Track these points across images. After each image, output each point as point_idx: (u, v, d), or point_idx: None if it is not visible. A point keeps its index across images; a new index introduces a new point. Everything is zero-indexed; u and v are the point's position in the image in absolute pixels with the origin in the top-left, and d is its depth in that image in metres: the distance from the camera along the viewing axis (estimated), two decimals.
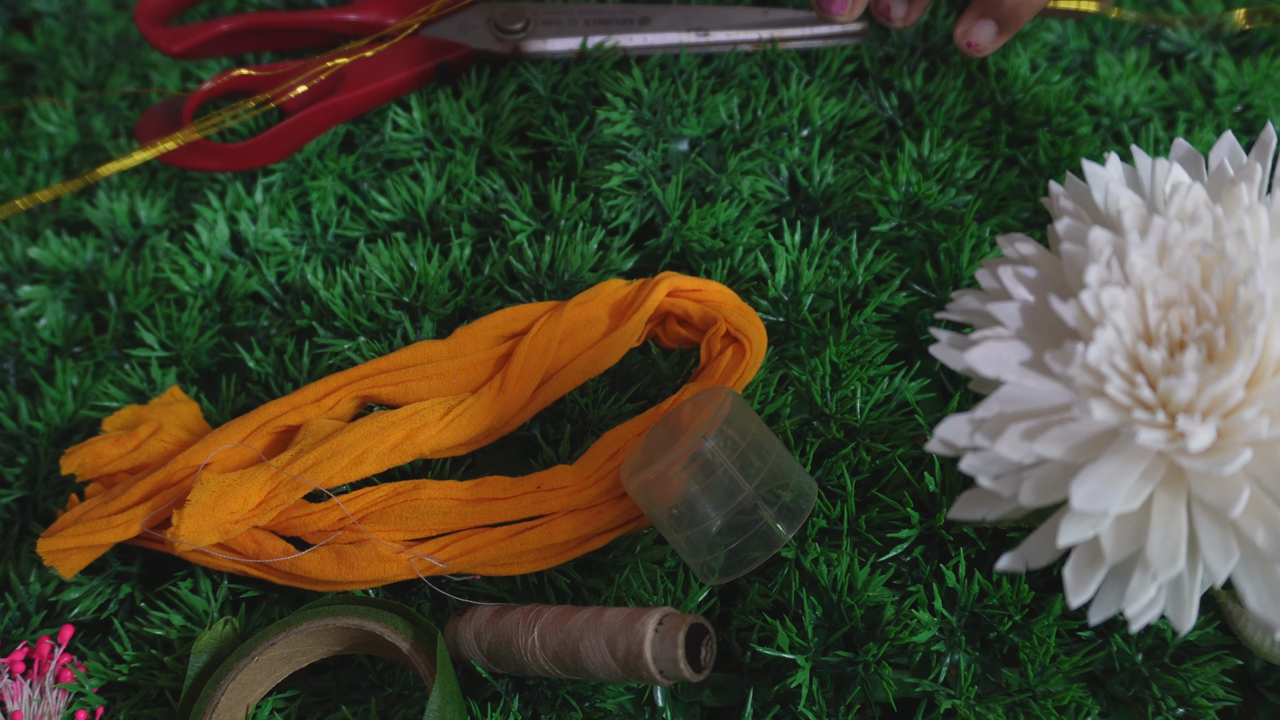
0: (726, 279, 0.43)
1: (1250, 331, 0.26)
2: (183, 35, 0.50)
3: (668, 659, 0.31)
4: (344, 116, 0.49)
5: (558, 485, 0.37)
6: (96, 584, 0.40)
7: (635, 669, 0.32)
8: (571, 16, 0.51)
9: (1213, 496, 0.26)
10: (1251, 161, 0.30)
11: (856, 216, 0.46)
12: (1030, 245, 0.31)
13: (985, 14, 0.43)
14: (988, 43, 0.43)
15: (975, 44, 0.44)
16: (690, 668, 0.31)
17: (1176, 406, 0.26)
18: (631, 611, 0.33)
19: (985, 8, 0.43)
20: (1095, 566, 0.26)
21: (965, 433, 0.28)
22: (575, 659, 0.33)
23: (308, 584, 0.37)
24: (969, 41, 0.44)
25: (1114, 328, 0.27)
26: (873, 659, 0.35)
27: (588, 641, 0.33)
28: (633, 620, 0.32)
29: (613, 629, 0.33)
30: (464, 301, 0.44)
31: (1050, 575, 0.37)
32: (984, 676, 0.35)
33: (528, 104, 0.49)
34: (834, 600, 0.36)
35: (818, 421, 0.40)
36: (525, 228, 0.45)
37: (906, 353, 0.43)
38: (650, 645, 0.32)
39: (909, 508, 0.37)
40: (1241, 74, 0.50)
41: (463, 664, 0.36)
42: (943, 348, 0.29)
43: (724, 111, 0.48)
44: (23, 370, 0.47)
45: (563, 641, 0.33)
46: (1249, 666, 0.36)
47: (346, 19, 0.51)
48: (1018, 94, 0.48)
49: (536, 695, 0.36)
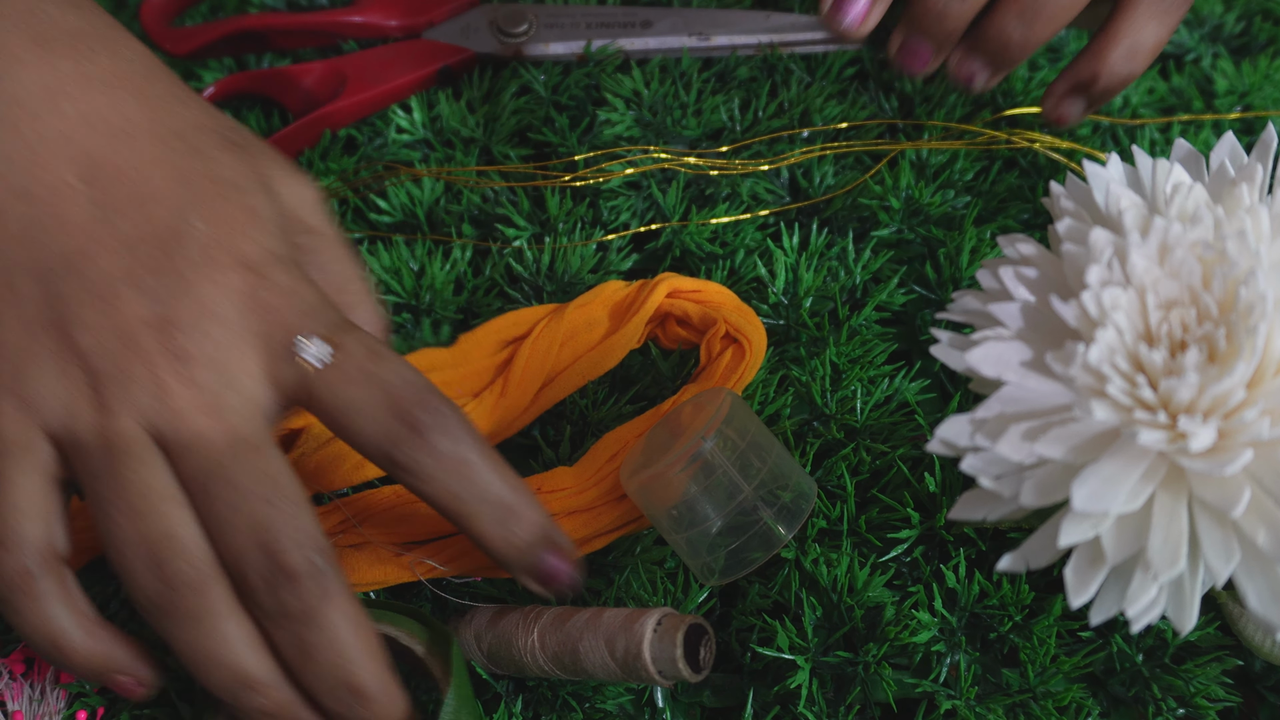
0: (727, 281, 0.43)
1: (1251, 332, 0.26)
2: (188, 36, 0.50)
3: (666, 659, 0.31)
4: (346, 121, 0.49)
5: (558, 487, 0.37)
6: (97, 583, 0.39)
7: (634, 669, 0.32)
8: (573, 20, 0.51)
9: (1214, 497, 0.26)
10: (1252, 162, 0.30)
11: (856, 218, 0.46)
12: (1031, 245, 0.31)
13: (1077, 90, 0.43)
14: (1077, 118, 0.44)
15: (1066, 119, 0.44)
16: (689, 668, 0.31)
17: (1178, 407, 0.26)
18: (630, 612, 0.33)
19: (1079, 86, 0.43)
20: (1096, 567, 0.26)
21: (966, 433, 0.28)
22: (575, 659, 0.33)
23: None
24: (1059, 116, 0.44)
25: (1115, 328, 0.27)
26: (873, 659, 0.35)
27: (587, 642, 0.33)
28: (631, 621, 0.32)
29: (611, 629, 0.33)
30: (465, 303, 0.44)
31: (1050, 576, 0.37)
32: (984, 677, 0.35)
33: (528, 105, 0.49)
34: (834, 601, 0.36)
35: (818, 422, 0.40)
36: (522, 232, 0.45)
37: (907, 353, 0.43)
38: (649, 645, 0.32)
39: (909, 508, 0.37)
40: (1241, 75, 0.50)
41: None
42: (943, 348, 0.29)
43: (724, 112, 0.48)
44: None
45: (562, 642, 0.33)
46: (1249, 667, 0.36)
47: (350, 20, 0.51)
48: (1018, 95, 0.48)
49: (537, 696, 0.36)
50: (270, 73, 0.50)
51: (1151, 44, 0.41)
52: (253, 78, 0.50)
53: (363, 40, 0.52)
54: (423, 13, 0.51)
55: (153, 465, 0.30)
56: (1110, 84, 0.42)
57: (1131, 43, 0.41)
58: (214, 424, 0.30)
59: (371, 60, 0.50)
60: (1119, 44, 0.41)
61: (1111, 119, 0.48)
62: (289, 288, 0.32)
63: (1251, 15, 0.53)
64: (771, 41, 0.50)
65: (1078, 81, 0.43)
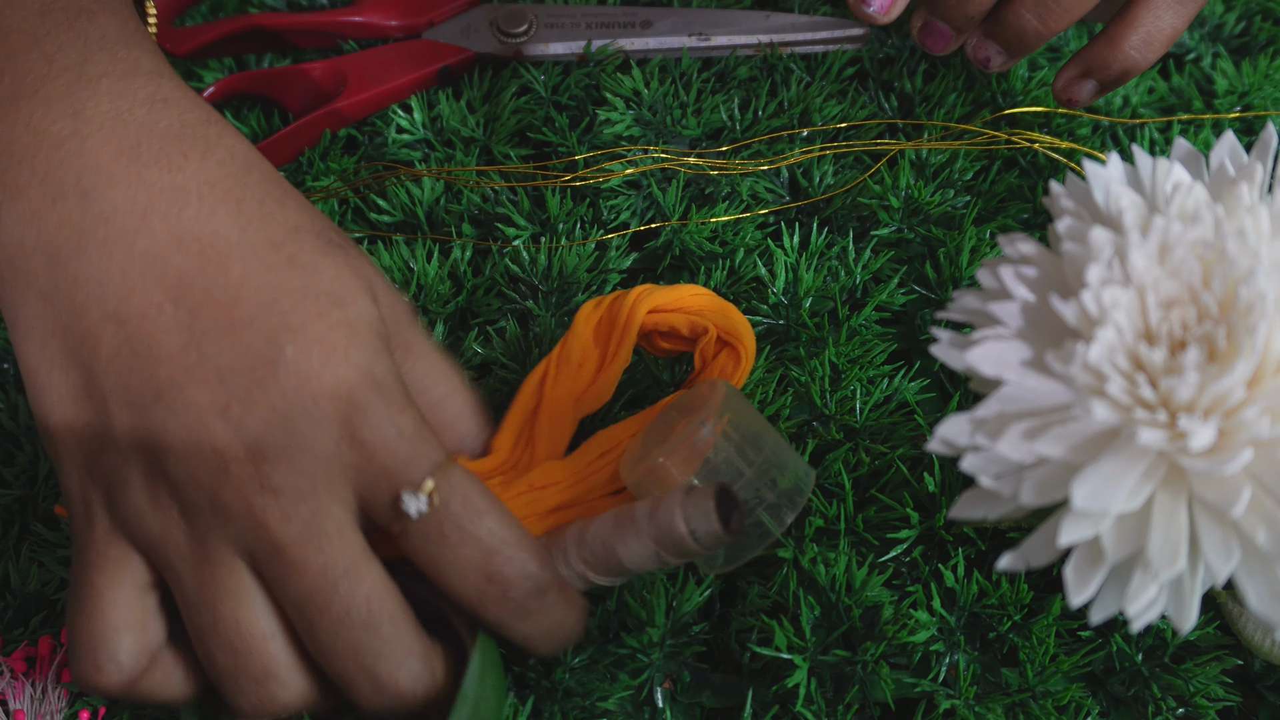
0: (726, 281, 0.43)
1: (1251, 331, 0.26)
2: (189, 36, 0.50)
3: (699, 514, 0.31)
4: (346, 121, 0.49)
5: (550, 482, 0.37)
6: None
7: (668, 535, 0.32)
8: (573, 19, 0.51)
9: (1214, 496, 0.26)
10: (1252, 161, 0.30)
11: (856, 217, 0.46)
12: (1031, 245, 0.31)
13: (1090, 75, 0.43)
14: (1087, 100, 0.44)
15: (1076, 100, 0.44)
16: (721, 525, 0.31)
17: (1177, 406, 0.26)
18: (658, 496, 0.33)
19: (1092, 68, 0.43)
20: (1096, 566, 0.26)
21: (966, 432, 0.28)
22: (611, 554, 0.33)
23: None
24: (1070, 97, 0.44)
25: (1115, 327, 0.27)
26: (871, 659, 0.35)
27: (620, 531, 0.33)
28: (661, 498, 0.33)
29: (641, 511, 0.33)
30: (464, 302, 0.44)
31: (1050, 575, 0.37)
32: (983, 676, 0.35)
33: (528, 105, 0.49)
34: (832, 600, 0.36)
35: (817, 422, 0.40)
36: (522, 232, 0.46)
37: (906, 353, 0.43)
38: (681, 505, 0.32)
39: (908, 508, 0.37)
40: (1241, 75, 0.50)
41: None
42: (943, 347, 0.29)
43: (724, 112, 0.48)
44: None
45: (597, 540, 0.33)
46: (1249, 666, 0.36)
47: (350, 20, 0.51)
48: (1018, 95, 0.48)
49: (538, 691, 0.36)
50: (270, 73, 0.50)
51: (1168, 33, 0.41)
52: (253, 78, 0.50)
53: (363, 40, 0.52)
54: (423, 13, 0.51)
55: (249, 600, 0.31)
56: (1124, 70, 0.42)
57: (1148, 31, 0.41)
58: (309, 554, 0.30)
59: (371, 60, 0.50)
60: (1136, 31, 0.41)
61: (1111, 118, 0.48)
62: (386, 423, 0.31)
63: (1251, 15, 0.53)
64: (771, 41, 0.50)
65: (1091, 65, 0.43)
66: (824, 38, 0.50)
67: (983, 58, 0.45)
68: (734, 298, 0.43)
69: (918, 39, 0.45)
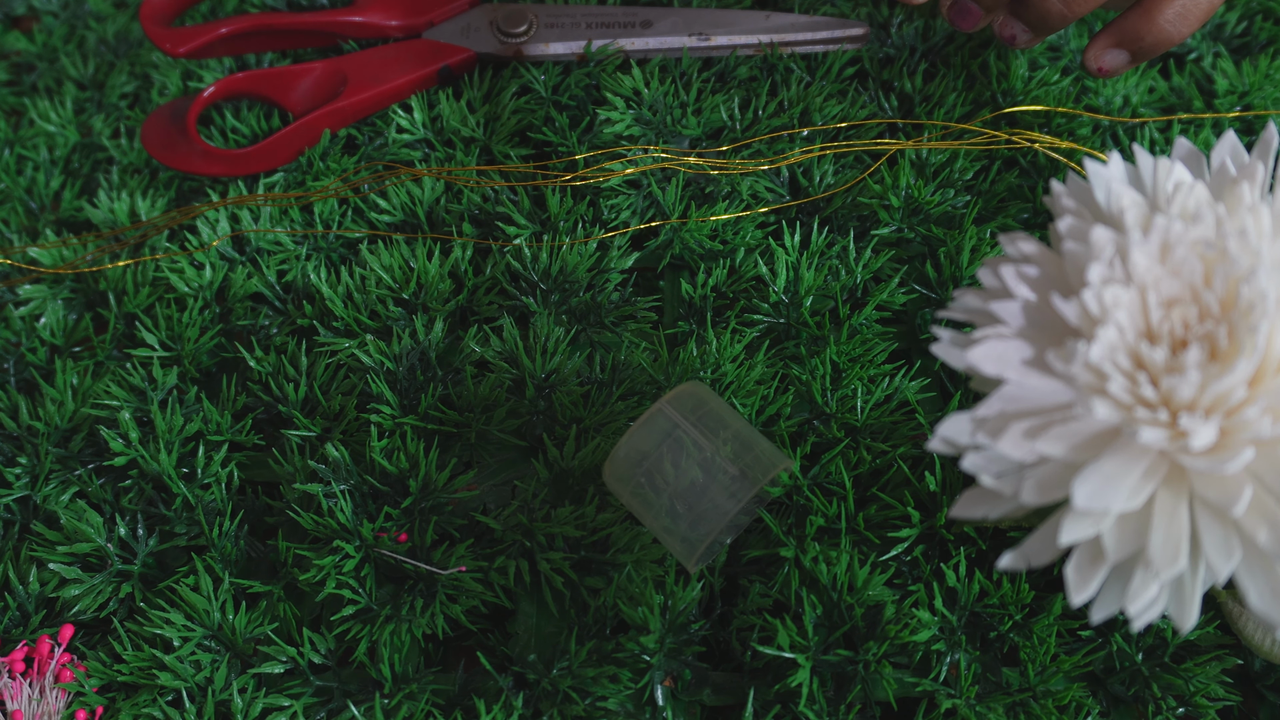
0: (726, 279, 0.43)
1: (1252, 330, 0.26)
2: (187, 36, 0.50)
3: None
4: (346, 121, 0.49)
5: None
6: (97, 583, 0.39)
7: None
8: (574, 20, 0.51)
9: (1215, 495, 0.26)
10: (1254, 160, 0.30)
11: (856, 217, 0.46)
12: (1032, 243, 0.31)
13: (1122, 44, 0.43)
14: (1119, 69, 0.44)
15: (1106, 69, 0.44)
16: None
17: (1179, 405, 0.26)
18: None
19: (1124, 39, 0.42)
20: (1097, 565, 0.26)
21: (967, 431, 0.28)
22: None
23: None
24: (1100, 66, 0.44)
25: (1116, 326, 0.27)
26: (873, 658, 0.35)
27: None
28: None
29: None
30: (465, 301, 0.44)
31: (1050, 575, 0.37)
32: (984, 676, 0.35)
33: (529, 104, 0.49)
34: (834, 599, 0.36)
35: (818, 420, 0.40)
36: (523, 231, 0.45)
37: (907, 352, 0.43)
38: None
39: (909, 507, 0.37)
40: (1241, 74, 0.50)
41: None
42: (944, 346, 0.29)
43: (724, 111, 0.48)
44: (23, 370, 0.47)
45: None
46: (1249, 666, 0.36)
47: (350, 20, 0.51)
48: (1018, 95, 0.48)
49: (538, 692, 0.36)
50: (270, 73, 0.50)
51: (1204, 6, 0.41)
52: (253, 78, 0.50)
53: (363, 40, 0.52)
54: (423, 13, 0.51)
55: None
56: (1156, 42, 0.42)
57: (1184, 4, 0.41)
58: None
59: (372, 60, 0.50)
60: (1172, 4, 0.41)
61: (1112, 118, 0.48)
62: None
63: (1252, 15, 0.53)
64: (771, 41, 0.50)
65: (1124, 35, 0.42)
66: (824, 37, 0.50)
67: (1009, 35, 0.45)
68: (735, 296, 0.43)
69: (947, 17, 0.45)
